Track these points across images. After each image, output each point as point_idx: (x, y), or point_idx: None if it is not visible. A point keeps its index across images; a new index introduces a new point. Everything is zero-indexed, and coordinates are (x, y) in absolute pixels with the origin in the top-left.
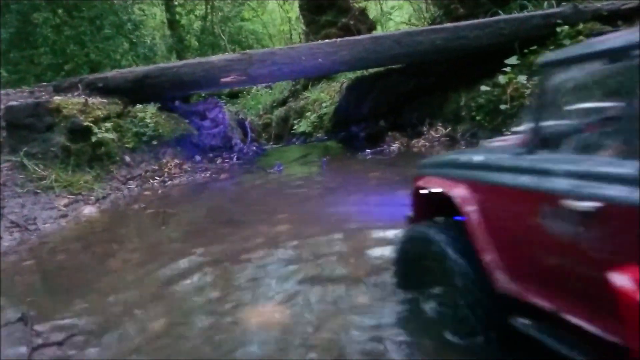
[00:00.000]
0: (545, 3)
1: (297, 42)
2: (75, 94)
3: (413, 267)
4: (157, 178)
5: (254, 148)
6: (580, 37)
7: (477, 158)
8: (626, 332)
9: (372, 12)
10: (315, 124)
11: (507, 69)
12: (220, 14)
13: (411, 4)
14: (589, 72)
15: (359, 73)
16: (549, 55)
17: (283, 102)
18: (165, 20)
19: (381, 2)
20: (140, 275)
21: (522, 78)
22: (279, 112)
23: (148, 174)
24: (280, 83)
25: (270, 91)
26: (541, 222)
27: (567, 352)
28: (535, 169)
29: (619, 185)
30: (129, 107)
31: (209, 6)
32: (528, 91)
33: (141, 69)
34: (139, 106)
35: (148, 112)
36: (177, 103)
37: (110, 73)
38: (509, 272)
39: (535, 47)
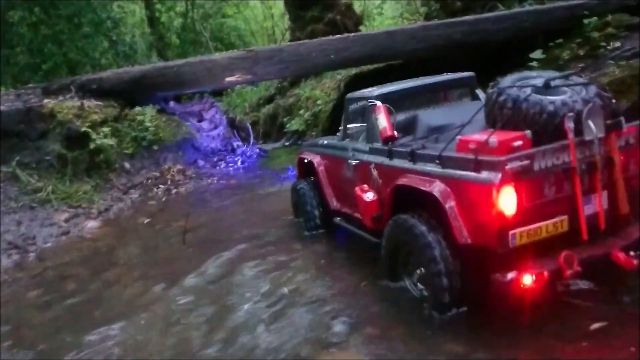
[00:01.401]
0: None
1: (280, 39)
2: (68, 96)
3: (296, 204)
4: (161, 186)
5: (257, 150)
6: (609, 29)
7: (323, 142)
8: (361, 213)
9: (358, 7)
10: (309, 122)
11: (534, 64)
12: (201, 10)
13: None
14: (356, 106)
15: (356, 70)
16: (349, 95)
17: (270, 100)
18: (145, 18)
19: None
20: (160, 312)
21: None
22: (267, 109)
23: (150, 181)
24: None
25: (255, 88)
26: (343, 172)
27: (350, 227)
28: (343, 147)
29: (363, 154)
30: (126, 110)
31: (189, 3)
32: None
33: (138, 68)
34: (137, 109)
35: (147, 115)
36: (171, 104)
37: (105, 73)
38: (335, 199)
39: (560, 41)
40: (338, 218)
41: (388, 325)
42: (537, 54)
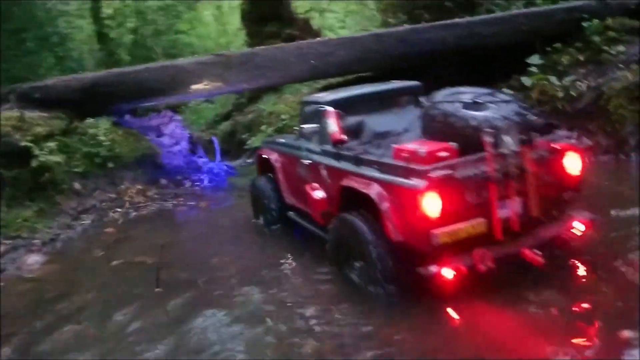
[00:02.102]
0: (514, 6)
1: None
2: (6, 107)
3: (255, 198)
4: (118, 210)
5: (225, 167)
6: (610, 33)
7: (281, 140)
8: (310, 208)
9: (318, 20)
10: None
11: (533, 69)
12: (153, 27)
13: (362, 11)
14: (310, 109)
15: (325, 82)
16: (305, 98)
17: (227, 117)
18: (93, 34)
19: (324, 13)
20: None
21: (553, 79)
22: (224, 126)
23: (105, 204)
24: (222, 97)
25: (211, 105)
26: (297, 170)
27: (302, 221)
28: (298, 147)
29: (315, 154)
30: (75, 123)
31: (140, 19)
32: (561, 94)
33: (90, 75)
34: (89, 121)
35: (101, 128)
36: (127, 117)
37: (50, 81)
38: (289, 194)
39: (559, 45)
40: (292, 212)
41: (331, 302)
42: (535, 59)
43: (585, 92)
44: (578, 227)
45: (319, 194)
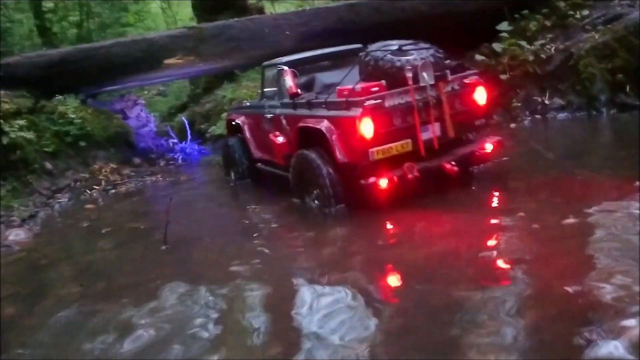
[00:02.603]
0: None
1: None
2: None
3: (226, 157)
4: (95, 187)
5: (196, 147)
6: None
7: (246, 104)
8: (275, 154)
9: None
10: None
11: (504, 35)
12: (97, 20)
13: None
14: (270, 71)
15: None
16: (265, 63)
17: (182, 108)
18: (34, 28)
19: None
20: None
21: (523, 43)
22: (181, 118)
23: (79, 184)
24: (175, 89)
25: (164, 99)
26: (263, 125)
27: (269, 168)
28: (261, 106)
29: (276, 109)
30: (42, 101)
31: (84, 12)
32: (531, 57)
33: (57, 51)
34: (57, 98)
35: (70, 106)
36: (89, 101)
37: (14, 58)
38: (257, 149)
39: (526, 12)
40: (260, 164)
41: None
42: (504, 25)
43: (554, 54)
44: (488, 147)
45: (280, 139)
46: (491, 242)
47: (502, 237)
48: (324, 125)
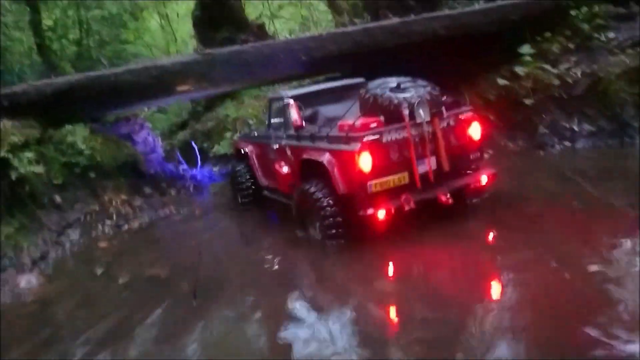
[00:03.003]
0: (476, 4)
1: None
2: None
3: (233, 180)
4: (108, 222)
5: (207, 173)
6: (598, 20)
7: (254, 133)
8: (280, 182)
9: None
10: None
11: (527, 58)
12: (97, 37)
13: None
14: (277, 104)
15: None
16: (271, 95)
17: (183, 126)
18: (34, 46)
19: (275, 17)
20: None
21: (547, 67)
22: (181, 136)
23: (89, 217)
24: (174, 106)
25: (164, 115)
26: (269, 154)
27: (274, 195)
28: (268, 136)
29: (281, 139)
30: (49, 131)
31: (84, 30)
32: (557, 81)
33: (65, 79)
34: (66, 127)
35: (79, 136)
36: (94, 125)
37: (21, 87)
38: (263, 177)
39: (548, 34)
40: (266, 192)
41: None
42: (526, 48)
43: (581, 78)
44: (482, 179)
45: (285, 169)
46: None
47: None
48: (325, 158)
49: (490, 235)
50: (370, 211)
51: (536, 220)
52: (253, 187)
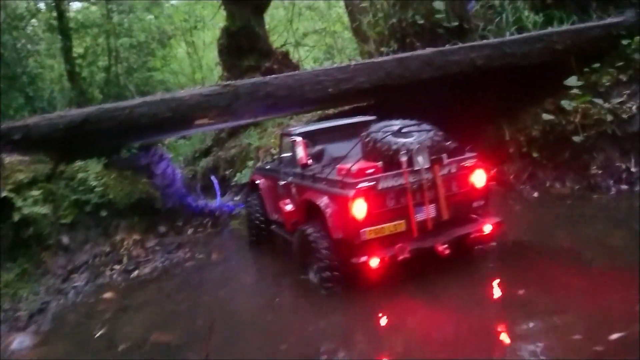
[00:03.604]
0: (508, 34)
1: None
2: None
3: (247, 214)
4: (115, 266)
5: (227, 207)
6: None
7: (266, 166)
8: (284, 219)
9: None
10: None
11: (575, 91)
12: (125, 64)
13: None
14: (287, 140)
15: (321, 113)
16: (282, 131)
17: (207, 152)
18: (64, 73)
19: (299, 45)
20: None
21: (598, 101)
22: (205, 163)
23: (98, 260)
24: (198, 132)
25: (188, 141)
26: (277, 189)
27: (280, 232)
28: (277, 171)
29: (288, 176)
30: (61, 166)
31: (112, 57)
32: (609, 117)
33: (79, 111)
34: (77, 163)
35: (91, 172)
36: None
37: (33, 119)
38: (272, 210)
39: (597, 65)
40: (274, 226)
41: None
42: (573, 80)
43: (636, 113)
44: (486, 228)
45: (289, 207)
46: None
47: None
48: (322, 201)
49: (495, 293)
50: (363, 259)
51: (570, 280)
52: (263, 222)
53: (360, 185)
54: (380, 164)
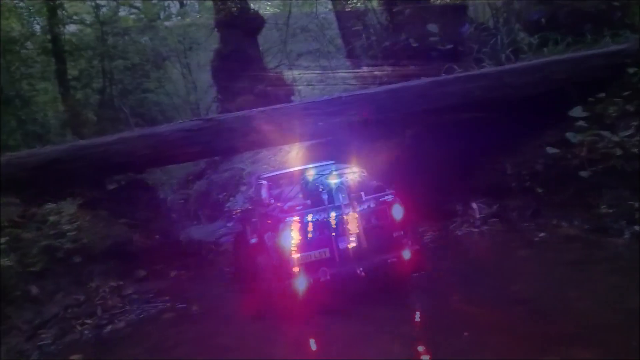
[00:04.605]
0: (503, 56)
1: (205, 112)
2: None
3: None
4: (88, 321)
5: (216, 238)
6: None
7: (248, 206)
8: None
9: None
10: None
11: (581, 123)
12: (120, 86)
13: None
14: (255, 180)
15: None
16: (256, 175)
17: (200, 175)
18: (58, 95)
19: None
20: None
21: (606, 134)
22: (198, 186)
23: (70, 312)
24: None
25: (183, 164)
26: (249, 225)
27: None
28: (252, 209)
29: (256, 214)
30: (31, 209)
31: (107, 79)
32: (619, 151)
33: (48, 150)
34: (50, 205)
35: (64, 214)
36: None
37: (2, 158)
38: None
39: (602, 95)
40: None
41: None
42: (577, 111)
43: None
44: (405, 254)
45: (254, 239)
46: None
47: None
48: (267, 234)
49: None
50: (291, 281)
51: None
52: (240, 253)
53: (287, 219)
54: (308, 201)
